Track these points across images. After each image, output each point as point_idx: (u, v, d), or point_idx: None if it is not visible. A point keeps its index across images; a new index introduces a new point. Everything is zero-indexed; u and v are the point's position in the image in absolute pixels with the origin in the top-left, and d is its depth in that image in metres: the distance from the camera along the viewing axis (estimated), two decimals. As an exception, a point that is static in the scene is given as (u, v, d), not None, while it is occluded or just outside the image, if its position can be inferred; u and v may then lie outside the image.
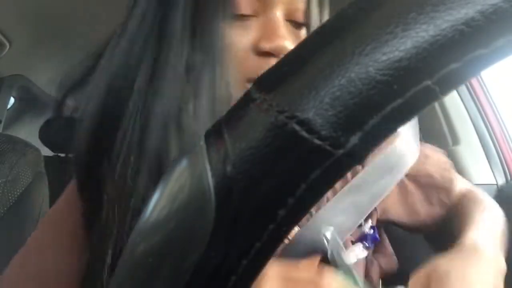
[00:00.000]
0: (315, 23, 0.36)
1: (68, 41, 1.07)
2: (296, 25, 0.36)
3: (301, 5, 0.35)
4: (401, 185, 0.46)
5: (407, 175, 0.45)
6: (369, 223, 0.43)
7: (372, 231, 0.43)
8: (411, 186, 0.47)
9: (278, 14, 0.34)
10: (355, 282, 0.33)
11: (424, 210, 0.48)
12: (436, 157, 0.50)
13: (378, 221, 0.46)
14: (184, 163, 0.13)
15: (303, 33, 0.36)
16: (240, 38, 0.33)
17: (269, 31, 0.33)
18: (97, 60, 0.36)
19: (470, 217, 0.42)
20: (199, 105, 0.32)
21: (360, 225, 0.42)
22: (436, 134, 0.85)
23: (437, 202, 0.48)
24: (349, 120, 0.11)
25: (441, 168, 0.49)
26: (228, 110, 0.13)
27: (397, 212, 0.47)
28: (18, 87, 1.21)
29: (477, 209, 0.44)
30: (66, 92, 0.41)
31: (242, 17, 0.33)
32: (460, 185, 0.50)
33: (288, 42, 0.33)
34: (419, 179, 0.47)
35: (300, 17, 0.35)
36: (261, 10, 0.33)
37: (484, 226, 0.40)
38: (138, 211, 0.31)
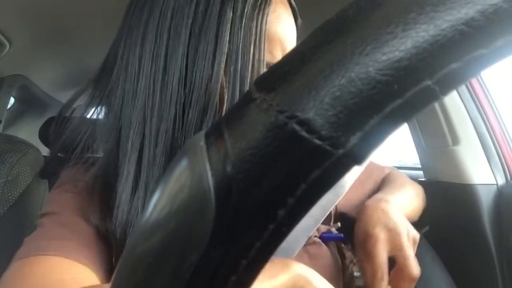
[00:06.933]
0: None
1: (68, 41, 1.06)
2: None
3: None
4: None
5: None
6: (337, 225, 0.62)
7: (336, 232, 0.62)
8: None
9: None
10: None
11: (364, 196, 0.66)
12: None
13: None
14: (184, 163, 0.13)
15: None
16: None
17: None
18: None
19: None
20: None
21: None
22: (436, 134, 0.85)
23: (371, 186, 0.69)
24: (349, 120, 0.11)
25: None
26: (228, 110, 0.13)
27: (345, 206, 0.65)
28: (18, 87, 1.21)
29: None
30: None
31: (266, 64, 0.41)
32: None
33: None
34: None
35: None
36: (278, 57, 0.42)
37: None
38: None
